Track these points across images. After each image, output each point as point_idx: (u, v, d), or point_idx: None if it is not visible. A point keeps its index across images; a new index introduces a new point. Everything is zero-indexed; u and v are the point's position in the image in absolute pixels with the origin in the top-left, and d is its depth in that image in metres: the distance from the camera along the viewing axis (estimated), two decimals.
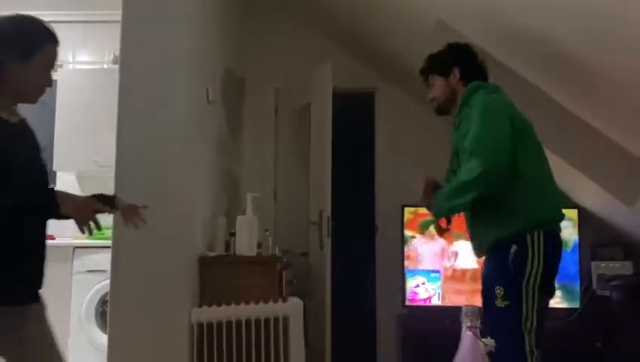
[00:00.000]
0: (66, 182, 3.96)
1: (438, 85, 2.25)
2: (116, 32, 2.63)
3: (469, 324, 0.86)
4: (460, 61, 2.21)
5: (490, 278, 2.00)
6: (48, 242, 1.73)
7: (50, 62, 1.63)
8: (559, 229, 2.10)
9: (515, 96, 2.18)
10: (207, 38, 3.19)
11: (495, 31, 2.59)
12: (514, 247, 1.94)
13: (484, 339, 0.89)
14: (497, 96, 2.12)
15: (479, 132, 1.96)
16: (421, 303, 3.72)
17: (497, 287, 1.93)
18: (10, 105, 1.62)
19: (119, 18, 2.62)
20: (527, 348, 1.87)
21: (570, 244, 3.65)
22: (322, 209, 3.63)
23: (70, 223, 1.56)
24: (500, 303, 1.91)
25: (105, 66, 4.01)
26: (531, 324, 1.90)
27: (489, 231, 2.05)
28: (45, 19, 3.96)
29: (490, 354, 0.89)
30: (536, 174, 2.02)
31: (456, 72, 2.19)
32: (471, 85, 2.16)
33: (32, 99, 1.65)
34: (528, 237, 1.95)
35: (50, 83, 1.65)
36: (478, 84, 2.16)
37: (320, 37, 4.26)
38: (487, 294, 1.99)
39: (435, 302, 3.70)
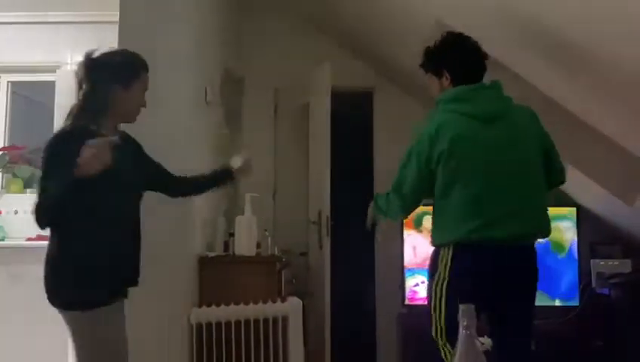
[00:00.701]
0: None
1: (434, 85, 2.24)
2: (114, 33, 2.62)
3: (465, 323, 0.86)
4: (450, 62, 2.17)
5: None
6: (42, 243, 1.77)
7: (145, 86, 1.91)
8: (490, 248, 2.05)
9: (514, 97, 2.18)
10: (205, 38, 3.18)
11: (495, 30, 2.59)
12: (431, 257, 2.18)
13: (480, 338, 0.89)
14: (439, 118, 2.14)
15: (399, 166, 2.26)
16: (421, 302, 3.72)
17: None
18: (114, 126, 1.86)
19: (117, 19, 2.61)
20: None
21: (569, 244, 3.66)
22: (321, 208, 3.63)
23: None
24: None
25: None
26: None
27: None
28: (42, 19, 3.94)
29: (486, 352, 0.89)
30: (452, 198, 2.10)
31: (447, 74, 2.17)
32: (440, 96, 2.18)
33: (131, 119, 1.92)
34: (441, 250, 2.11)
35: (144, 104, 1.92)
36: (442, 97, 2.18)
37: (319, 36, 4.26)
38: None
39: None
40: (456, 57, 2.16)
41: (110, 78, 1.83)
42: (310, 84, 3.89)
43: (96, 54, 1.88)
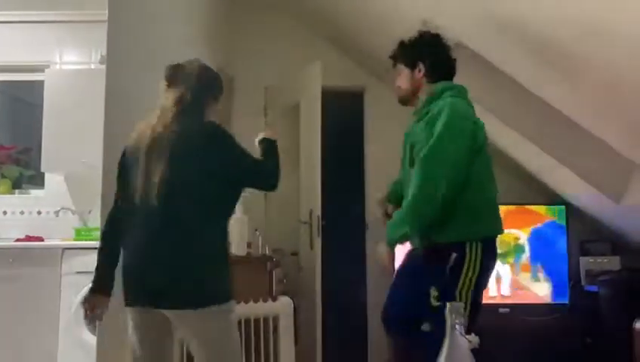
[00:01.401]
0: (54, 182, 3.94)
1: (404, 76, 2.24)
2: (103, 32, 2.61)
3: (453, 320, 0.87)
4: (427, 56, 2.18)
5: (425, 277, 2.04)
6: (36, 244, 1.74)
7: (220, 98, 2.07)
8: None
9: (502, 95, 2.19)
10: (194, 37, 3.18)
11: (481, 29, 2.60)
12: (454, 255, 1.98)
13: (468, 336, 0.90)
14: (463, 105, 2.08)
15: (434, 151, 1.96)
16: None
17: (432, 288, 1.98)
18: None
19: (106, 18, 2.60)
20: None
21: (559, 241, 3.69)
22: (312, 208, 3.63)
23: (58, 224, 1.55)
24: (434, 302, 1.96)
25: (92, 66, 3.98)
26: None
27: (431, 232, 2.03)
28: (32, 18, 3.90)
29: (474, 350, 0.90)
30: (484, 189, 2.04)
31: (421, 66, 2.18)
32: (439, 86, 2.14)
33: None
34: (467, 246, 1.98)
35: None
36: (445, 86, 2.13)
37: (309, 36, 4.26)
38: (416, 288, 2.05)
39: None
40: (437, 50, 2.19)
41: (209, 89, 1.98)
42: (301, 84, 3.89)
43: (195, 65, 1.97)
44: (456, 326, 0.95)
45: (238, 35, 4.26)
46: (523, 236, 3.67)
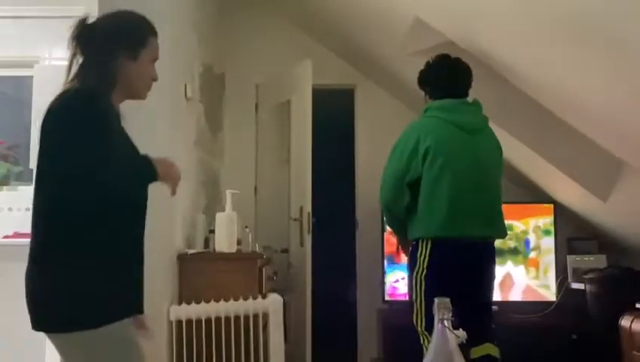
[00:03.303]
0: None
1: (425, 101, 2.59)
2: None
3: (440, 316, 0.88)
4: (427, 84, 2.55)
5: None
6: (25, 241, 1.67)
7: (155, 56, 1.62)
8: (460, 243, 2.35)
9: (491, 94, 2.22)
10: (184, 34, 3.17)
11: (471, 28, 2.62)
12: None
13: (455, 331, 0.91)
14: (413, 124, 2.49)
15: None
16: (401, 298, 3.75)
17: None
18: (119, 103, 1.59)
19: (95, 14, 2.59)
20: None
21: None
22: (303, 205, 3.64)
23: None
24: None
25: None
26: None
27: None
28: (21, 14, 3.85)
29: (461, 345, 0.91)
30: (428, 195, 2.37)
31: (427, 91, 2.56)
32: (424, 107, 2.53)
33: (141, 95, 1.63)
34: (419, 243, 2.38)
35: (156, 77, 1.63)
36: (427, 107, 2.50)
37: (300, 33, 4.26)
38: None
39: None
40: (432, 76, 2.53)
41: (114, 47, 1.54)
42: (291, 81, 3.89)
43: (91, 20, 1.57)
44: (444, 322, 0.96)
45: (229, 33, 4.25)
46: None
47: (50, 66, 4.01)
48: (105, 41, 1.54)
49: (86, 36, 1.56)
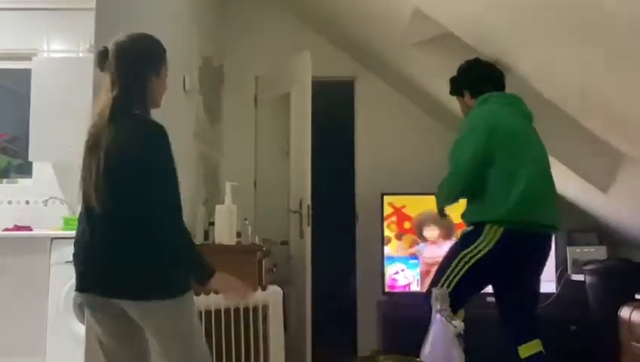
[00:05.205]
0: (42, 171, 3.91)
1: (460, 104, 2.67)
2: (91, 20, 2.58)
3: (438, 307, 0.88)
4: (466, 83, 2.60)
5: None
6: (25, 233, 1.71)
7: (166, 72, 1.87)
8: (526, 231, 2.36)
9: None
10: (183, 26, 3.15)
11: (471, 19, 2.61)
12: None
13: (453, 322, 0.91)
14: (481, 110, 2.47)
15: (453, 149, 2.46)
16: (400, 290, 3.76)
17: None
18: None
19: (93, 5, 2.58)
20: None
21: None
22: (302, 197, 3.64)
23: (47, 213, 1.53)
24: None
25: (80, 55, 3.95)
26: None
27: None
28: (20, 5, 3.85)
29: (459, 336, 0.91)
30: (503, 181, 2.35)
31: (466, 92, 2.60)
32: (483, 97, 2.52)
33: (158, 105, 1.87)
34: (486, 227, 2.33)
35: (167, 88, 1.90)
36: (486, 97, 2.50)
37: (299, 25, 4.25)
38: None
39: (414, 288, 3.74)
40: (473, 74, 2.59)
41: (147, 65, 1.79)
42: (291, 73, 3.88)
43: (124, 39, 1.80)
44: (442, 313, 0.96)
45: (228, 25, 4.23)
46: None
47: (49, 59, 4.00)
48: (139, 65, 1.78)
49: (122, 56, 1.76)
